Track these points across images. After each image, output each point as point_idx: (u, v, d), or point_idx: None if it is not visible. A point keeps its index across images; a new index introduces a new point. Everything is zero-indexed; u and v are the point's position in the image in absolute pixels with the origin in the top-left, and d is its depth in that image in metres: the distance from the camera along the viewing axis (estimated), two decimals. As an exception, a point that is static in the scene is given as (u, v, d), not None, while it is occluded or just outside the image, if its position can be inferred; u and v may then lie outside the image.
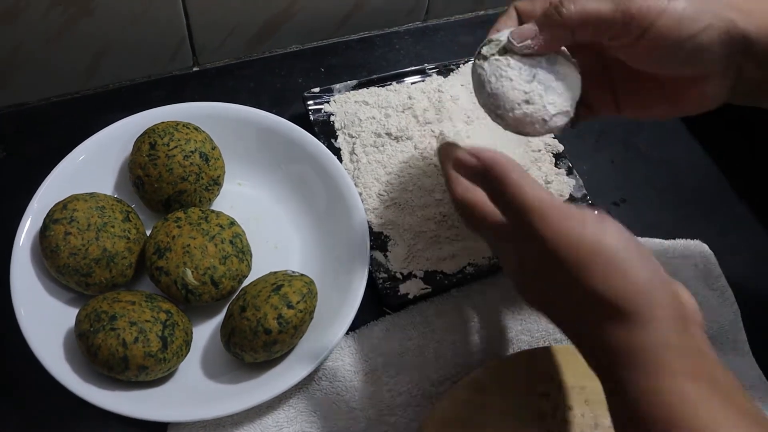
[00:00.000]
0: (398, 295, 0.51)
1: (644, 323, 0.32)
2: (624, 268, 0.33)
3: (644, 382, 0.31)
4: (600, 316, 0.33)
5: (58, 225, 0.46)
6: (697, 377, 0.31)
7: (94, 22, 0.55)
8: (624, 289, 0.32)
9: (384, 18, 0.68)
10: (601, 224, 0.34)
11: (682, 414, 0.30)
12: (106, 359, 0.43)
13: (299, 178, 0.55)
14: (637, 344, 0.32)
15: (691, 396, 0.30)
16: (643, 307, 0.32)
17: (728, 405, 0.30)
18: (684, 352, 0.32)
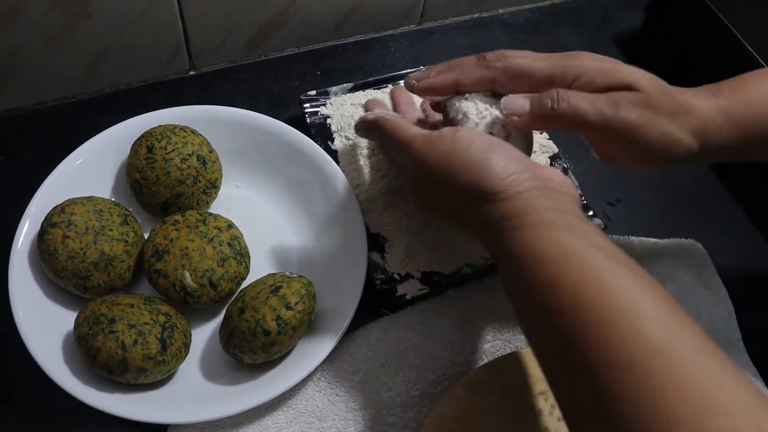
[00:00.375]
0: (396, 296, 0.51)
1: (509, 198, 0.39)
2: (479, 160, 0.40)
3: (515, 238, 0.38)
4: (473, 202, 0.41)
5: (56, 228, 0.46)
6: (554, 226, 0.37)
7: (92, 25, 0.55)
8: (482, 176, 0.40)
9: (380, 21, 0.69)
10: (453, 134, 0.42)
11: (541, 249, 0.37)
12: (105, 362, 0.43)
13: (296, 181, 0.55)
14: (506, 213, 0.39)
15: (550, 235, 0.37)
16: (505, 187, 0.39)
17: (582, 239, 0.37)
18: (544, 213, 0.38)
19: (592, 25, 0.75)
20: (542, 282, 0.36)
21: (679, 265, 0.56)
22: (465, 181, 0.40)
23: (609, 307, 0.33)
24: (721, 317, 0.55)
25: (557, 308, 0.35)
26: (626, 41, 0.73)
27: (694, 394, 0.30)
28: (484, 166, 0.40)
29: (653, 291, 0.35)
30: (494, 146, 0.41)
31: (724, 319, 0.55)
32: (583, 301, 0.34)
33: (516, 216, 0.39)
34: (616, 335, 0.32)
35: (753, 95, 0.44)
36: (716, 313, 0.55)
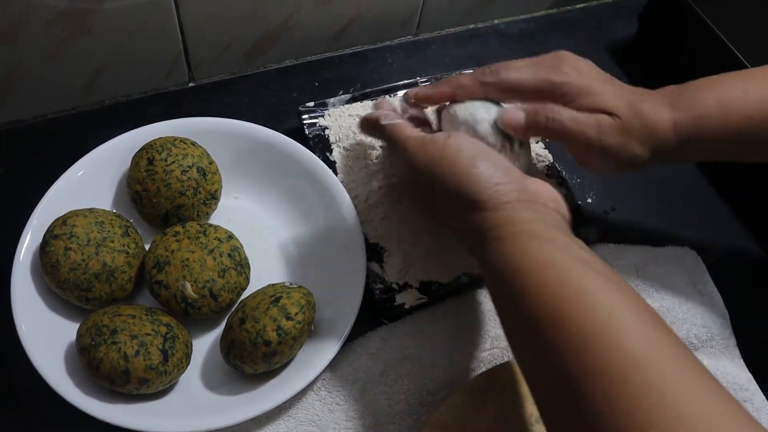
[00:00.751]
0: (395, 306, 0.52)
1: (492, 207, 0.40)
2: (465, 167, 0.42)
3: (498, 249, 0.39)
4: (459, 208, 0.42)
5: (58, 240, 0.47)
6: (536, 237, 0.39)
7: (92, 39, 0.56)
8: (468, 183, 0.41)
9: (377, 32, 0.69)
10: (446, 138, 0.44)
11: (522, 260, 0.38)
12: (107, 372, 0.43)
13: (295, 192, 0.56)
14: (489, 223, 0.40)
15: (530, 247, 0.38)
16: (489, 196, 0.41)
17: (563, 251, 0.38)
18: (526, 224, 0.39)
19: (586, 34, 0.76)
20: (522, 293, 0.37)
21: (674, 272, 0.57)
22: (452, 186, 0.42)
23: (587, 318, 0.34)
24: (716, 323, 0.55)
25: (537, 319, 0.35)
26: (620, 50, 0.74)
27: (670, 405, 0.30)
28: (470, 174, 0.42)
29: (633, 303, 0.35)
30: (482, 155, 0.43)
31: (719, 324, 0.55)
32: (563, 312, 0.35)
33: (498, 226, 0.40)
34: (594, 346, 0.33)
35: (700, 112, 0.47)
36: (711, 319, 0.55)
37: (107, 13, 0.54)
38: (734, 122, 0.46)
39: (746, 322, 0.56)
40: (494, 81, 0.47)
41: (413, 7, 0.68)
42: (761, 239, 0.62)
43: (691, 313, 0.55)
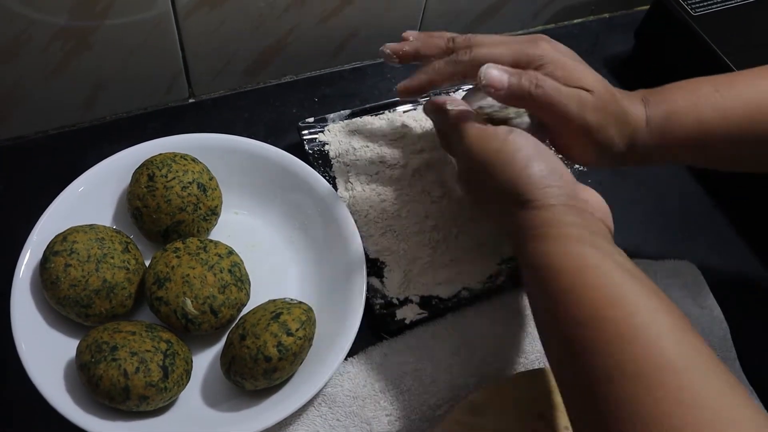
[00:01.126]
0: (395, 321, 0.52)
1: (540, 207, 0.41)
2: (521, 165, 0.42)
3: (541, 247, 0.40)
4: (509, 203, 0.43)
5: (59, 257, 0.47)
6: (579, 241, 0.39)
7: (93, 55, 0.56)
8: (519, 181, 0.42)
9: (376, 48, 0.69)
10: (508, 134, 0.44)
11: (564, 261, 0.38)
12: (107, 390, 0.43)
13: (296, 207, 0.56)
14: (535, 221, 0.41)
15: (573, 249, 0.39)
16: (539, 196, 0.41)
17: (605, 256, 0.38)
18: (572, 228, 0.40)
19: (583, 49, 0.75)
20: (562, 293, 0.37)
21: (673, 286, 0.57)
22: (503, 181, 0.43)
23: (626, 322, 0.34)
24: (716, 336, 0.55)
25: (575, 319, 0.36)
26: (617, 65, 0.75)
27: (703, 409, 0.31)
28: (524, 172, 0.42)
29: (670, 310, 0.36)
30: (541, 156, 0.43)
31: (719, 338, 0.55)
32: (602, 314, 0.35)
33: (543, 226, 0.41)
34: (632, 349, 0.33)
35: (671, 107, 0.48)
36: (711, 333, 0.55)
37: (108, 30, 0.55)
38: (704, 116, 0.47)
39: (746, 336, 0.56)
40: (469, 59, 0.47)
41: (412, 23, 0.69)
42: (760, 252, 0.62)
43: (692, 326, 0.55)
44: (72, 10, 0.52)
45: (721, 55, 0.63)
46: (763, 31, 0.68)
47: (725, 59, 0.63)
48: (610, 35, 0.78)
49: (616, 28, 0.78)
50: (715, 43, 0.64)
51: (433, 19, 0.69)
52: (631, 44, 0.76)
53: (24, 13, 0.51)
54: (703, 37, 0.65)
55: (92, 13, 0.53)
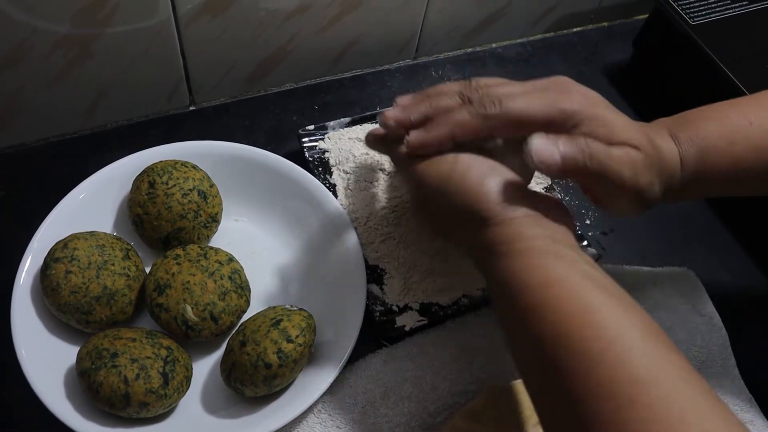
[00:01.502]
0: (395, 328, 0.52)
1: (500, 223, 0.40)
2: (474, 184, 0.42)
3: (504, 264, 0.39)
4: (468, 224, 0.42)
5: (59, 264, 0.47)
6: (543, 254, 0.38)
7: (95, 63, 0.56)
8: (476, 200, 0.41)
9: (376, 56, 0.70)
10: (455, 157, 0.43)
11: (527, 277, 0.38)
12: (107, 396, 0.43)
13: (296, 214, 0.56)
14: (497, 238, 0.40)
15: (537, 263, 0.38)
16: (497, 212, 0.40)
17: (570, 267, 0.37)
18: (535, 240, 0.39)
19: (581, 57, 0.77)
20: (527, 310, 0.36)
21: (673, 293, 0.57)
22: (460, 202, 0.42)
23: (594, 337, 0.34)
24: (715, 344, 0.55)
25: (541, 338, 0.35)
26: (615, 73, 0.75)
27: (676, 426, 0.30)
28: (479, 191, 0.41)
29: (640, 322, 0.35)
30: (493, 172, 0.42)
31: (718, 345, 0.55)
32: (568, 331, 0.34)
33: (505, 242, 0.40)
34: (600, 367, 0.33)
35: (704, 144, 0.44)
36: (711, 340, 0.55)
37: (109, 38, 0.55)
38: (739, 153, 0.44)
39: (746, 343, 0.56)
40: (499, 114, 0.42)
41: (412, 32, 0.69)
42: (760, 260, 0.62)
43: (690, 334, 0.55)
44: (74, 18, 0.52)
45: (719, 63, 0.64)
46: (761, 39, 0.68)
47: (724, 68, 0.63)
48: (609, 44, 0.78)
49: (615, 36, 0.79)
50: (714, 52, 0.65)
51: (432, 27, 0.70)
52: (630, 53, 0.76)
53: (26, 21, 0.51)
54: (701, 45, 0.65)
55: (94, 21, 0.53)
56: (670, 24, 0.68)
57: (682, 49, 0.68)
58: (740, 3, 0.70)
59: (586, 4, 0.78)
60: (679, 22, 0.67)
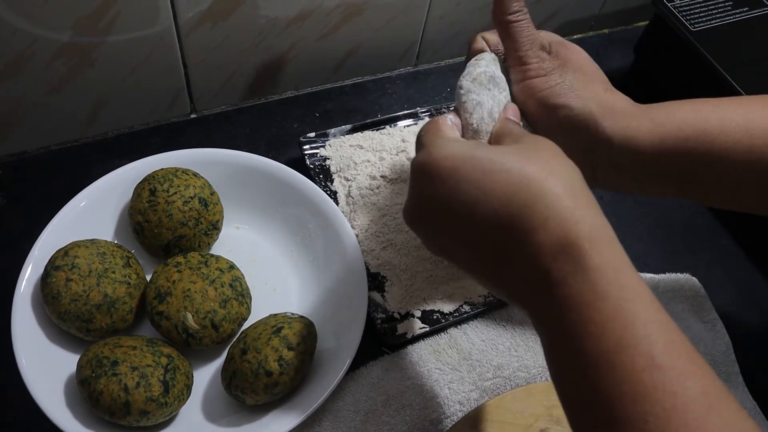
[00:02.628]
0: (396, 335, 0.52)
1: (572, 221, 0.33)
2: (499, 178, 0.35)
3: (578, 285, 0.32)
4: (508, 234, 0.34)
5: (60, 271, 0.47)
6: (628, 267, 0.33)
7: (96, 72, 0.57)
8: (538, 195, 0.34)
9: (377, 63, 0.70)
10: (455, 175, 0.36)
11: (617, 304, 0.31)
12: (108, 405, 0.43)
13: (297, 222, 0.56)
14: (566, 242, 0.33)
15: (629, 283, 0.32)
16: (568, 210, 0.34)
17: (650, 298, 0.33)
18: (615, 244, 0.34)
19: (582, 64, 0.76)
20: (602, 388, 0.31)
21: (676, 300, 0.57)
22: (499, 207, 0.35)
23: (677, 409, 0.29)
24: (719, 351, 0.55)
25: (615, 416, 0.30)
26: (616, 80, 0.74)
27: None
28: (504, 185, 0.35)
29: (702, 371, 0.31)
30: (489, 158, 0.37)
31: (721, 352, 0.55)
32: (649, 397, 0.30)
33: (579, 249, 0.33)
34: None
35: (666, 103, 0.44)
36: (714, 347, 0.55)
37: (111, 46, 0.55)
38: (704, 114, 0.43)
39: (749, 350, 0.56)
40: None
41: (413, 39, 0.70)
42: (763, 266, 0.62)
43: (694, 340, 0.55)
44: (75, 26, 0.52)
45: (720, 69, 0.64)
46: (761, 45, 0.68)
47: (724, 74, 0.63)
48: (610, 50, 0.78)
49: (615, 43, 0.79)
50: (714, 57, 0.65)
51: (433, 34, 0.70)
52: (631, 59, 0.76)
53: (27, 30, 0.51)
54: (701, 51, 0.65)
55: (95, 30, 0.53)
56: (671, 30, 0.68)
57: (682, 56, 0.68)
58: (741, 9, 0.70)
59: (586, 11, 0.78)
60: (679, 29, 0.67)
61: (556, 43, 0.45)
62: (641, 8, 0.80)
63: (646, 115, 0.43)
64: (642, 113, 0.43)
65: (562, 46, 0.45)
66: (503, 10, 0.43)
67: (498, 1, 0.44)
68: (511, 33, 0.44)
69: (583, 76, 0.44)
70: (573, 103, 0.43)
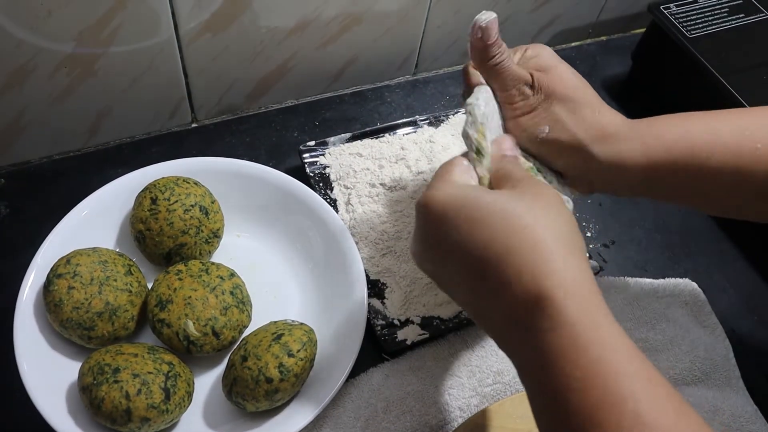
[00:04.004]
0: (396, 342, 0.52)
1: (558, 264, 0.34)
2: (490, 221, 0.35)
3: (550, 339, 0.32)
4: (489, 276, 0.35)
5: (62, 279, 0.47)
6: (603, 313, 0.33)
7: (98, 82, 0.57)
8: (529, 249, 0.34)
9: (376, 72, 0.71)
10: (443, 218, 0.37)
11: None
12: (109, 412, 0.43)
13: (297, 230, 0.56)
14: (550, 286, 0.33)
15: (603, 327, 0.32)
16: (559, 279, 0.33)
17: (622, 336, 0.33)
18: (595, 293, 0.33)
19: (580, 71, 0.76)
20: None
21: (675, 305, 0.57)
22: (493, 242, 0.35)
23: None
24: (719, 355, 0.55)
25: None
26: (614, 86, 0.76)
27: None
28: (496, 226, 0.36)
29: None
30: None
31: (721, 356, 0.55)
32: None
33: (556, 297, 0.33)
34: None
35: (656, 120, 0.45)
36: (714, 352, 0.55)
37: (113, 57, 0.56)
38: (694, 129, 0.44)
39: (749, 354, 0.56)
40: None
41: (411, 48, 0.70)
42: (762, 270, 0.62)
43: (694, 345, 0.55)
44: (78, 37, 0.53)
45: (716, 75, 0.64)
46: (758, 51, 0.68)
47: (721, 79, 0.64)
48: (607, 57, 0.79)
49: (613, 50, 0.80)
50: (711, 63, 0.65)
51: (431, 43, 0.70)
52: (629, 66, 0.77)
53: (31, 41, 0.52)
54: (698, 57, 0.66)
55: (97, 41, 0.54)
56: (668, 37, 0.68)
57: (679, 62, 0.69)
58: (737, 15, 0.71)
59: (584, 18, 0.78)
60: (676, 35, 0.68)
61: (540, 74, 0.44)
62: (638, 15, 0.81)
63: (636, 136, 0.44)
64: (632, 134, 0.44)
65: (547, 75, 0.44)
66: (483, 57, 0.43)
67: (476, 51, 0.43)
68: (493, 76, 0.44)
69: (570, 104, 0.44)
70: (561, 136, 0.44)
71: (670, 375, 0.53)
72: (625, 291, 0.57)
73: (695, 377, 0.54)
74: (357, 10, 0.63)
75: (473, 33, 0.42)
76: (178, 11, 0.55)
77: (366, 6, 0.63)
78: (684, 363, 0.54)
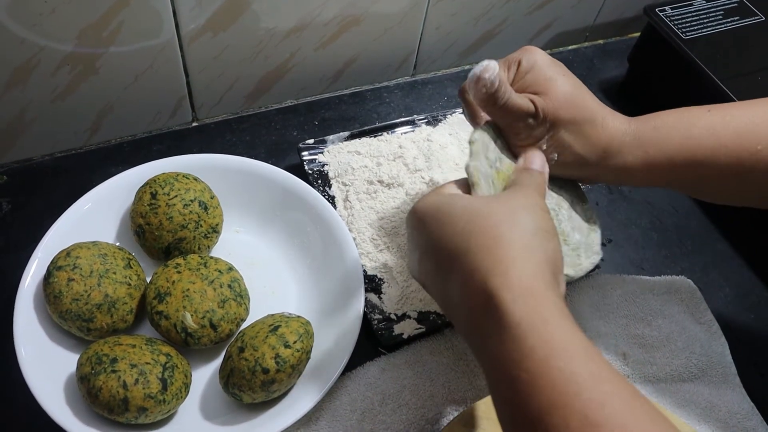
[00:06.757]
0: (393, 336, 0.52)
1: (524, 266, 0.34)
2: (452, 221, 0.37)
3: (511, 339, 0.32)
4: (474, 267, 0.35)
5: (62, 272, 0.48)
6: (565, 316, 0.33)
7: (99, 80, 0.58)
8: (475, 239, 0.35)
9: (375, 73, 0.72)
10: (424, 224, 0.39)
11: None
12: (106, 401, 0.43)
13: (295, 225, 0.57)
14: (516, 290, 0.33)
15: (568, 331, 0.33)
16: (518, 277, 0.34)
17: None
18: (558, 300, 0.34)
19: (578, 74, 0.76)
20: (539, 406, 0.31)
21: (671, 302, 0.57)
22: (454, 243, 0.37)
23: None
24: (715, 352, 0.55)
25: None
26: (611, 89, 0.76)
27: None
28: (463, 228, 0.37)
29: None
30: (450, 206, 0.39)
31: (718, 353, 0.55)
32: None
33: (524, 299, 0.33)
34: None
35: (659, 122, 0.47)
36: (710, 348, 0.55)
37: (114, 56, 0.57)
38: (694, 133, 0.46)
39: (746, 351, 0.56)
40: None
41: (410, 49, 0.71)
42: (757, 267, 0.63)
43: (690, 341, 0.55)
44: (80, 36, 0.54)
45: (712, 77, 0.65)
46: (753, 53, 0.69)
47: (717, 81, 0.64)
48: (604, 61, 0.80)
49: (609, 53, 0.80)
50: (706, 65, 0.66)
51: (430, 45, 0.71)
52: (625, 69, 0.78)
53: (33, 40, 0.53)
54: (694, 60, 0.66)
55: (99, 40, 0.55)
56: (663, 40, 0.69)
57: (675, 65, 0.69)
58: (732, 18, 0.71)
59: (581, 21, 0.79)
60: (671, 38, 0.68)
61: (542, 100, 0.44)
62: (635, 19, 0.82)
63: (639, 147, 0.46)
64: (635, 143, 0.46)
65: (548, 99, 0.44)
66: (489, 103, 0.43)
67: (481, 101, 0.43)
68: (499, 116, 0.45)
69: (573, 126, 0.45)
70: (567, 159, 0.46)
71: (667, 371, 0.53)
72: (621, 288, 0.58)
73: (692, 374, 0.54)
74: (356, 11, 0.64)
75: (477, 87, 0.42)
76: (180, 11, 0.56)
77: (365, 7, 0.64)
78: (680, 360, 0.54)
